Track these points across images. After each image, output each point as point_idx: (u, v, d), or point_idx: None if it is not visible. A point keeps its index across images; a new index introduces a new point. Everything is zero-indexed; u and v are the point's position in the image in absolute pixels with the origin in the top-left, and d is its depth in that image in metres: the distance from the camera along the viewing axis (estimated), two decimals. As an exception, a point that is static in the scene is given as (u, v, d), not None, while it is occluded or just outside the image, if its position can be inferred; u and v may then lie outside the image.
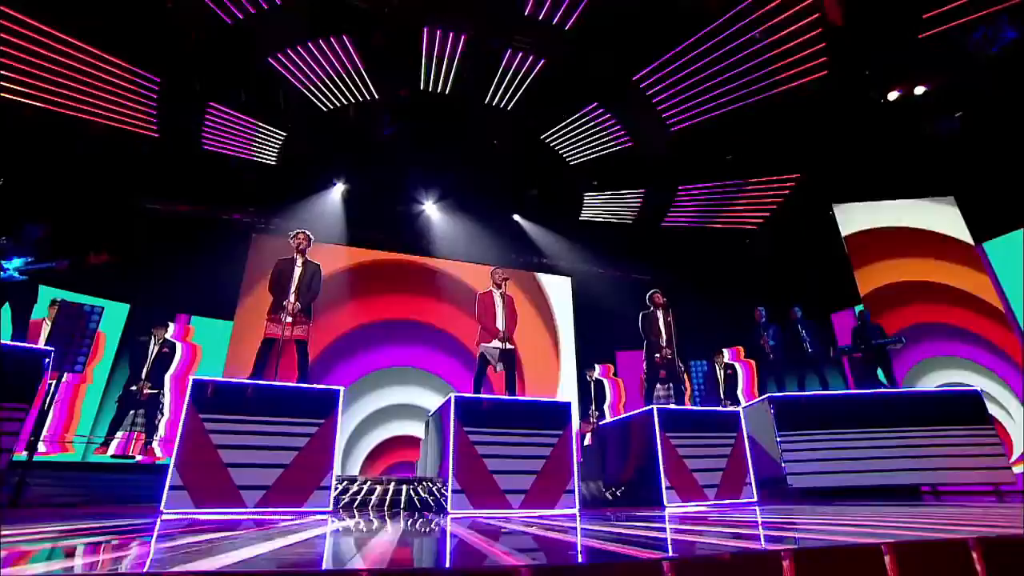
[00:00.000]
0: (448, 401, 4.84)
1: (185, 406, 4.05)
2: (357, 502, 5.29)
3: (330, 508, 4.17)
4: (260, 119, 8.57)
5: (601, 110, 9.10)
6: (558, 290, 11.96)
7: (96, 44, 6.71)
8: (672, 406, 5.49)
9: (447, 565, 1.62)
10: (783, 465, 6.24)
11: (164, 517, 3.60)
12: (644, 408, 5.51)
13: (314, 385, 4.60)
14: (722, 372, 10.00)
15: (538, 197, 11.31)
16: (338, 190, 10.62)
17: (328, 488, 4.23)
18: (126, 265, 9.20)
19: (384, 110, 9.26)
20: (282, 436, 4.25)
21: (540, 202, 11.43)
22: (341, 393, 4.59)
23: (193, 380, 4.17)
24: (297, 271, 5.32)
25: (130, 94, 7.33)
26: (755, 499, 5.30)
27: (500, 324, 5.60)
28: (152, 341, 8.33)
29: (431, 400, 9.74)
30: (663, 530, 2.49)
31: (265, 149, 9.22)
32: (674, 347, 6.17)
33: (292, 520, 3.50)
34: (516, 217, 11.72)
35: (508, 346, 5.53)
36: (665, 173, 10.36)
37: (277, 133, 8.91)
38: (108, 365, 9.42)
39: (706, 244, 11.83)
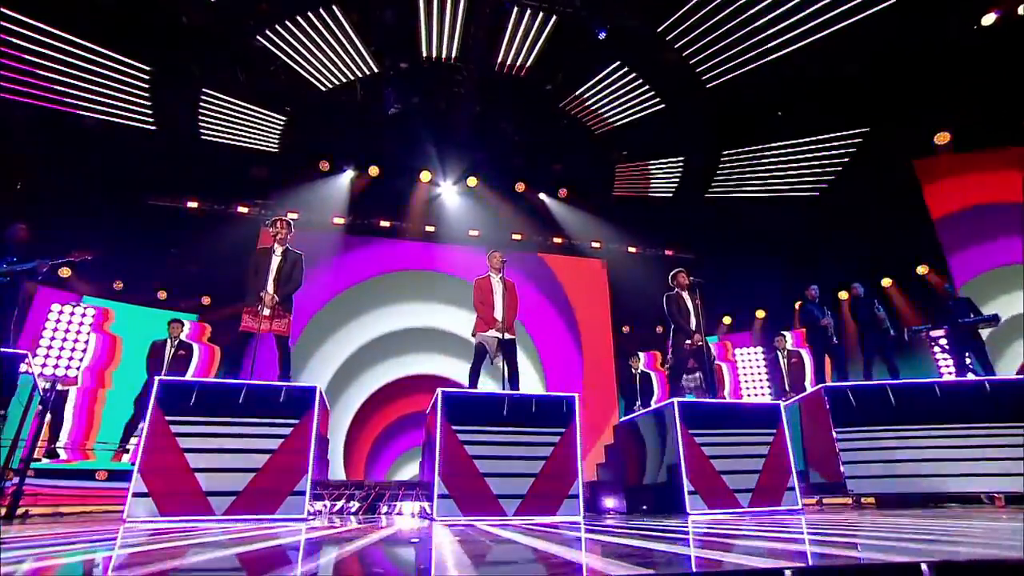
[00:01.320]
0: (435, 397, 4.72)
1: (150, 407, 4.12)
2: (341, 508, 5.30)
3: (304, 515, 4.14)
4: (256, 103, 8.72)
5: (625, 69, 8.67)
6: (591, 274, 11.63)
7: (80, 35, 6.98)
8: (696, 399, 5.14)
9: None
10: (842, 467, 5.76)
11: (127, 526, 3.66)
12: (664, 402, 5.19)
13: (289, 383, 4.59)
14: (785, 360, 9.42)
15: (564, 172, 11.01)
16: (347, 176, 10.71)
17: (303, 493, 4.21)
18: (132, 265, 9.69)
19: (386, 85, 9.22)
20: (254, 438, 4.25)
21: (567, 178, 11.12)
22: (317, 391, 4.55)
23: (159, 380, 4.23)
24: (275, 261, 5.33)
25: (121, 86, 7.61)
26: (799, 506, 4.89)
27: (499, 312, 5.41)
28: (168, 343, 8.66)
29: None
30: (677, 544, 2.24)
31: (265, 136, 9.40)
32: (703, 332, 5.78)
33: (248, 529, 3.46)
34: (542, 196, 11.44)
35: (508, 336, 5.33)
36: (705, 137, 9.80)
37: (275, 118, 9.05)
38: (139, 370, 9.91)
39: (758, 216, 11.15)
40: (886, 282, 11.14)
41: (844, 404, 5.97)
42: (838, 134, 9.81)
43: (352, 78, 8.70)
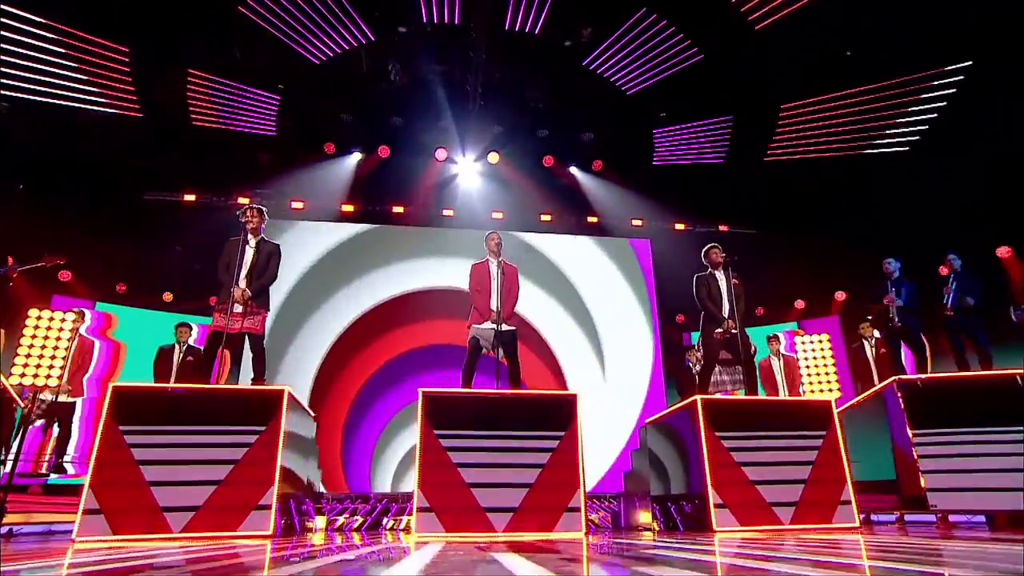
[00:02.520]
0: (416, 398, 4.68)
1: (103, 416, 4.26)
2: (343, 524, 5.35)
3: (270, 531, 4.18)
4: (246, 83, 8.95)
5: (654, 16, 8.32)
6: (633, 257, 11.32)
7: (48, 16, 7.29)
8: (728, 396, 4.86)
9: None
10: (922, 478, 5.32)
11: (76, 547, 3.77)
12: (687, 399, 4.94)
13: (253, 387, 4.65)
14: (873, 350, 8.87)
15: (596, 142, 10.74)
16: (354, 158, 10.85)
17: (269, 507, 4.25)
18: (134, 266, 10.19)
19: (388, 55, 9.23)
20: (215, 448, 4.32)
21: (600, 148, 10.84)
22: (286, 395, 4.59)
23: (112, 387, 4.37)
24: (249, 253, 5.41)
25: (99, 70, 7.94)
26: (855, 524, 4.54)
27: (494, 301, 5.31)
28: (176, 348, 9.02)
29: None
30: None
31: (260, 119, 9.63)
32: (739, 319, 5.46)
33: (204, 548, 3.51)
34: (573, 170, 11.25)
35: (505, 327, 5.24)
36: (757, 90, 9.29)
37: (269, 98, 9.25)
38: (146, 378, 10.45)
39: (833, 180, 10.48)
40: (1003, 251, 10.21)
41: (924, 401, 5.53)
42: (930, 72, 9.03)
43: (346, 48, 8.76)
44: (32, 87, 7.82)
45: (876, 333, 8.83)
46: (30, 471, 8.18)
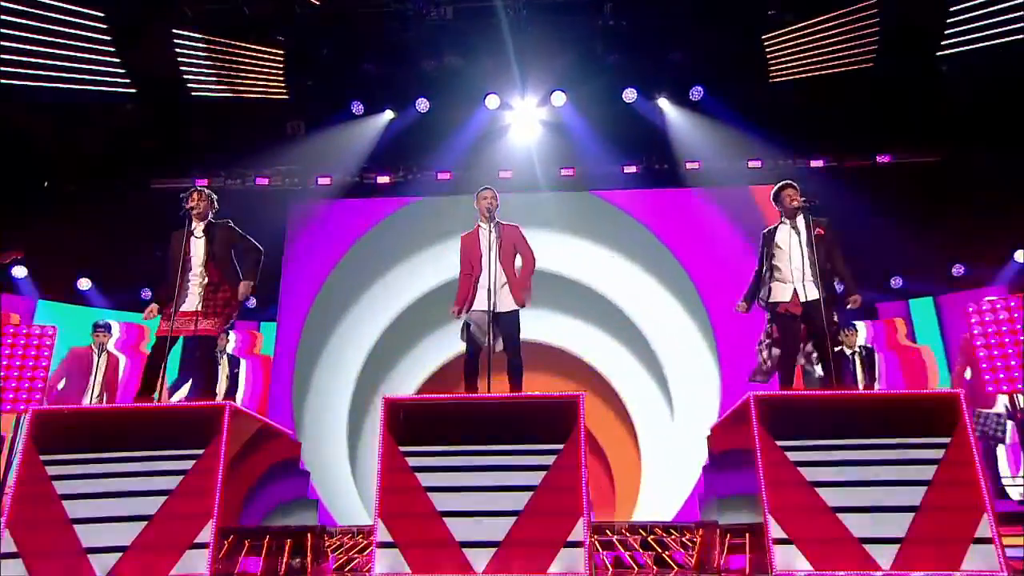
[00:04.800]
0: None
1: (21, 445, 4.61)
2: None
3: (206, 572, 4.32)
4: (245, 39, 9.41)
5: None
6: (753, 208, 10.63)
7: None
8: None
9: None
10: None
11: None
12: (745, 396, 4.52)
13: (189, 403, 4.85)
14: None
15: (689, 63, 10.18)
16: (387, 117, 11.08)
17: (207, 546, 4.39)
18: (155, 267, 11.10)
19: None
20: (146, 477, 4.53)
21: (694, 71, 10.30)
22: (227, 411, 4.72)
23: (32, 412, 4.73)
24: (197, 243, 5.60)
25: (78, 42, 8.67)
26: (1001, 571, 3.89)
27: (486, 276, 5.13)
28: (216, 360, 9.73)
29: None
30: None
31: (268, 80, 10.07)
32: (820, 283, 4.91)
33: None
34: (662, 103, 10.74)
35: (503, 307, 5.12)
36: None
37: (271, 53, 9.65)
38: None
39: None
40: None
41: None
42: None
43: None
44: (12, 70, 8.71)
45: None
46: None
